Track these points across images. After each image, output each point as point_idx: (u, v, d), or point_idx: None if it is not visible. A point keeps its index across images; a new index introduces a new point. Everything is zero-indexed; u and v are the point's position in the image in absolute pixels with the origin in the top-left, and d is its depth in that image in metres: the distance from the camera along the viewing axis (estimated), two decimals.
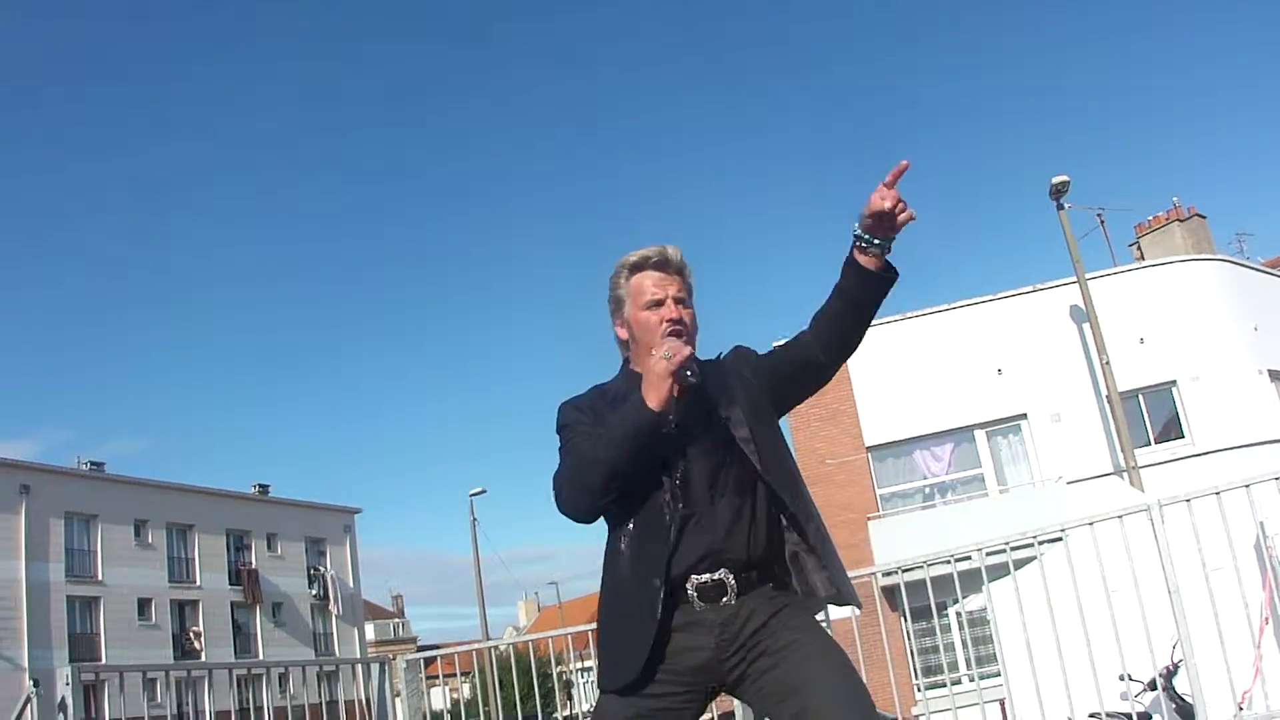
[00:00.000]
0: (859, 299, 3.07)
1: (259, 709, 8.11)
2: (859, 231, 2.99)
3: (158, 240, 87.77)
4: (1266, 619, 8.39)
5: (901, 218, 2.95)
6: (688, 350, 3.02)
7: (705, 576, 3.02)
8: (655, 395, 2.95)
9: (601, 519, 3.20)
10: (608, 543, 3.23)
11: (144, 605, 48.28)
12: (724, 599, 3.02)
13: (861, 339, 3.19)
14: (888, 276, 3.05)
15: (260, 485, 59.35)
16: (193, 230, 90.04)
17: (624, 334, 3.30)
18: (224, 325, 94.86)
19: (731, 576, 3.03)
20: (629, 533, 3.11)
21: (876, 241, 2.97)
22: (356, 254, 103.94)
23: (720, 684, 3.08)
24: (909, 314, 26.28)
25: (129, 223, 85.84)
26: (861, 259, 3.00)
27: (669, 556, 3.01)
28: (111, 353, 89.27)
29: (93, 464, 49.62)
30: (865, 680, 3.10)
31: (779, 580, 3.12)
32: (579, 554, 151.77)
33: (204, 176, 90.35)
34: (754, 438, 3.11)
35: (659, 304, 3.21)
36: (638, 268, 3.28)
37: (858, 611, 4.11)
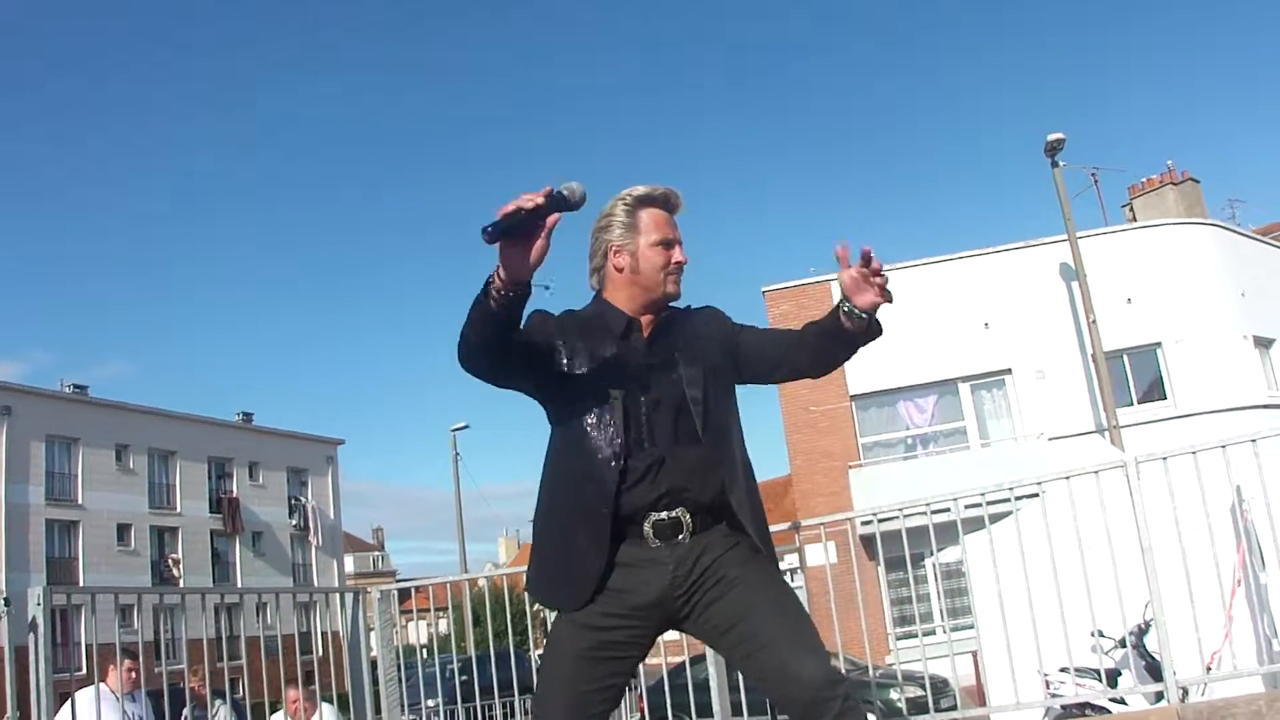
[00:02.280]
0: (846, 343, 3.13)
1: (235, 638, 8.09)
2: (845, 304, 3.03)
3: (144, 161, 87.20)
4: (1239, 581, 8.41)
5: (870, 299, 3.01)
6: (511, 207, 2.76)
7: (663, 514, 3.05)
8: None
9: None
10: (550, 457, 3.25)
11: (123, 531, 48.28)
12: (679, 536, 3.06)
13: (845, 362, 3.25)
14: (870, 334, 3.09)
15: (244, 413, 59.20)
16: (179, 151, 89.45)
17: (621, 262, 3.24)
18: (213, 250, 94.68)
19: (688, 515, 3.06)
20: (579, 460, 3.11)
21: (860, 314, 3.01)
22: (346, 179, 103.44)
23: (671, 619, 3.12)
24: (898, 265, 26.25)
25: (115, 144, 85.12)
26: (846, 322, 3.04)
27: (624, 490, 3.05)
28: (97, 275, 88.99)
29: (76, 387, 49.39)
30: (838, 627, 3.13)
31: (734, 521, 3.14)
32: None
33: (187, 93, 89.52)
34: (704, 399, 3.14)
35: (669, 245, 3.24)
36: (646, 201, 3.27)
37: (834, 558, 4.13)
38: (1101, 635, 7.48)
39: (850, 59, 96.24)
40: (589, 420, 3.11)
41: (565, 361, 3.14)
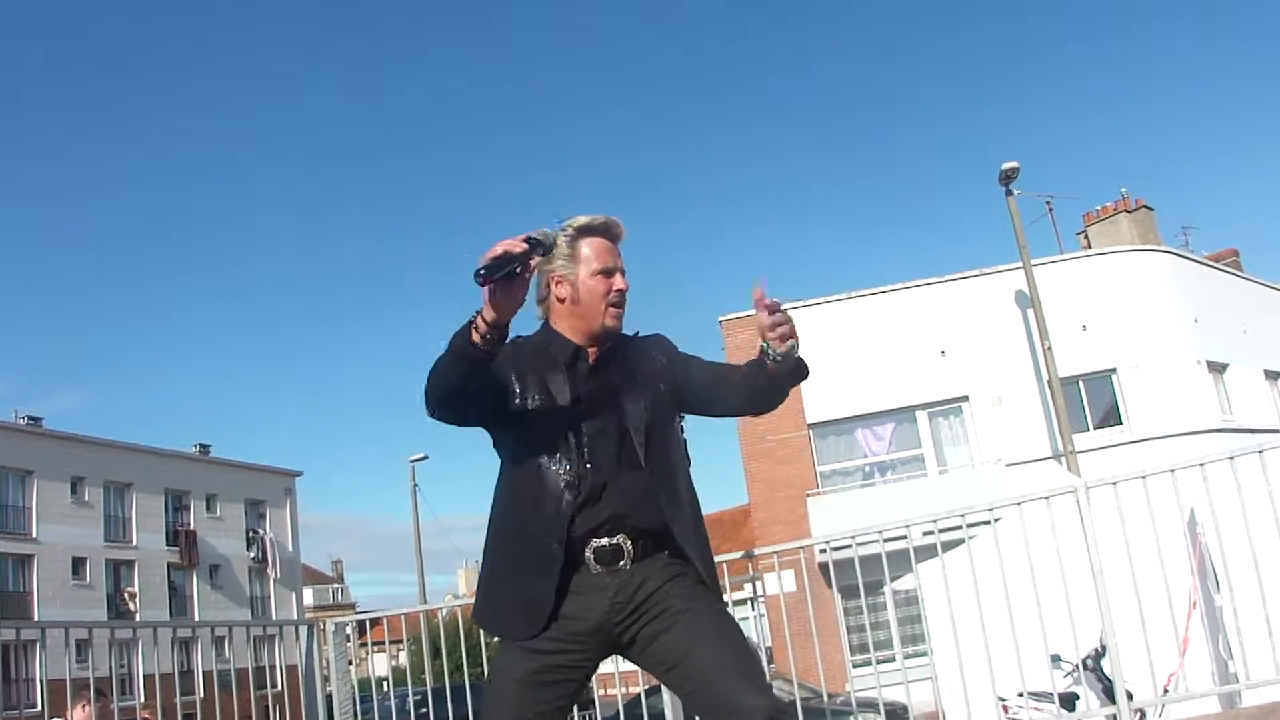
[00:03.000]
0: (775, 386, 3.14)
1: (190, 672, 8.01)
2: (764, 347, 3.03)
3: (100, 192, 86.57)
4: (1195, 604, 8.47)
5: (776, 336, 3.00)
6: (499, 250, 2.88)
7: (604, 540, 3.08)
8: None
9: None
10: (500, 487, 3.30)
11: (79, 564, 47.63)
12: (620, 563, 3.09)
13: (779, 401, 3.25)
14: (796, 375, 3.12)
15: (201, 445, 58.79)
16: (136, 178, 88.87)
17: (563, 293, 3.26)
18: (170, 281, 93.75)
19: (630, 542, 3.09)
20: (528, 488, 3.17)
21: (777, 356, 3.00)
22: (302, 210, 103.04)
23: (612, 645, 3.14)
24: (855, 293, 26.43)
25: (70, 170, 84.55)
26: (769, 364, 3.04)
27: (570, 519, 3.08)
28: (52, 304, 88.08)
29: (30, 418, 48.92)
30: (794, 654, 3.15)
31: (676, 550, 3.16)
32: None
33: (140, 120, 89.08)
34: (647, 428, 3.17)
35: (609, 273, 3.24)
36: (586, 231, 3.28)
37: (789, 587, 4.14)
38: (1058, 660, 7.51)
39: (806, 85, 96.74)
40: (537, 450, 3.15)
41: (519, 394, 3.18)
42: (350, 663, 8.20)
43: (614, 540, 3.07)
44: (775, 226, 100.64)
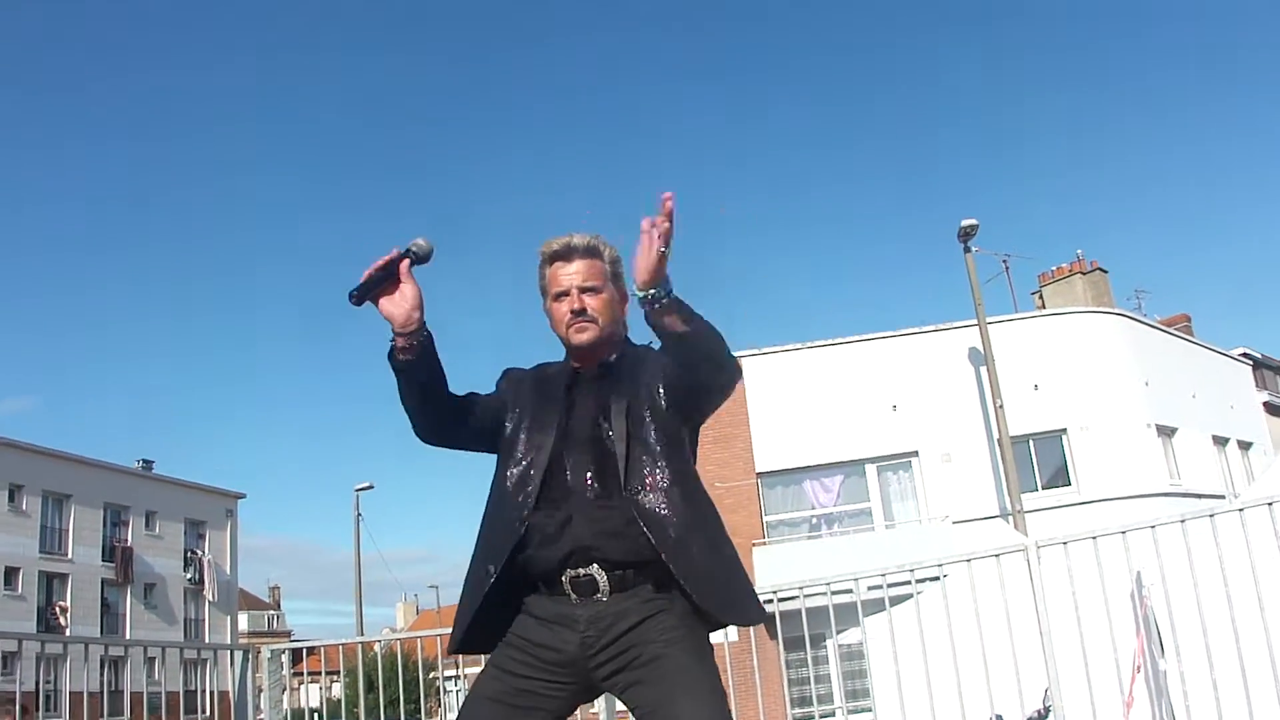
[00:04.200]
0: (670, 339, 3.00)
1: (119, 692, 7.84)
2: (632, 294, 2.94)
3: (49, 197, 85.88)
4: (1138, 668, 8.45)
5: (642, 264, 2.87)
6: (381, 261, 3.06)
7: (579, 570, 3.02)
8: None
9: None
10: (480, 527, 3.28)
11: (10, 574, 46.97)
12: (596, 594, 3.02)
13: (716, 362, 3.05)
14: (667, 310, 2.91)
15: (145, 461, 58.28)
16: (87, 181, 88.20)
17: (548, 323, 3.32)
18: (121, 288, 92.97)
19: (604, 575, 3.01)
20: (491, 517, 3.20)
21: (640, 294, 2.89)
22: (259, 228, 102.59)
23: (590, 683, 3.07)
24: (809, 344, 26.52)
25: (18, 170, 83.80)
26: (647, 318, 2.93)
27: (527, 549, 3.05)
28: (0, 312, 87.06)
29: None
30: (736, 706, 3.05)
31: (660, 582, 3.04)
32: (463, 559, 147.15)
33: (95, 117, 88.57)
34: (628, 453, 3.08)
35: (565, 294, 3.24)
36: (551, 259, 3.31)
37: (733, 636, 4.05)
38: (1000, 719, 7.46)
39: (765, 134, 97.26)
40: (509, 479, 3.16)
41: (509, 421, 3.26)
42: (284, 690, 8.06)
43: (586, 571, 3.01)
44: (729, 275, 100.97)
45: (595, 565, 3.01)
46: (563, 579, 3.03)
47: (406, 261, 3.08)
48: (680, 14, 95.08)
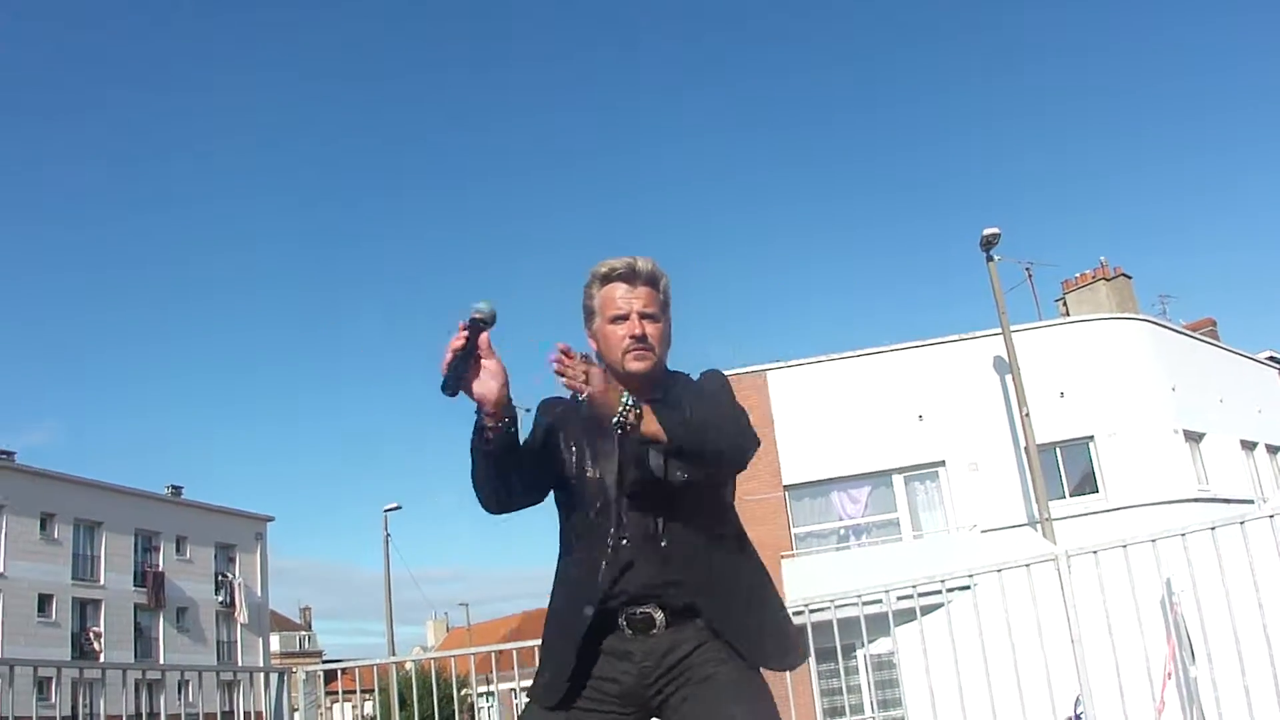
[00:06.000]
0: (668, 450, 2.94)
1: (155, 715, 7.89)
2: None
3: (77, 227, 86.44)
4: (1170, 674, 8.45)
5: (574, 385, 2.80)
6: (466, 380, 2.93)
7: (637, 609, 3.04)
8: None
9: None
10: (556, 569, 3.27)
11: (44, 602, 47.15)
12: (653, 630, 3.05)
13: (715, 453, 3.00)
14: (670, 444, 2.88)
15: (173, 486, 58.45)
16: (109, 214, 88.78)
17: (594, 345, 3.23)
18: (147, 318, 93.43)
19: (661, 612, 3.05)
20: (571, 560, 3.18)
21: (612, 423, 2.84)
22: (283, 251, 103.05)
23: (648, 710, 3.10)
24: (834, 355, 26.51)
25: (43, 205, 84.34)
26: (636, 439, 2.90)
27: (606, 589, 3.04)
28: (25, 338, 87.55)
29: (2, 453, 48.53)
30: None
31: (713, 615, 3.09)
32: (492, 576, 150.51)
33: (115, 151, 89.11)
34: (672, 495, 3.06)
35: (624, 318, 3.15)
36: (606, 279, 3.20)
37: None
38: None
39: (789, 146, 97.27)
40: (579, 522, 3.15)
41: (567, 463, 3.18)
42: (319, 709, 8.12)
43: (645, 610, 3.04)
44: (754, 288, 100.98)
45: (653, 603, 3.05)
46: (621, 616, 3.05)
47: (486, 336, 2.93)
48: (699, 23, 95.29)
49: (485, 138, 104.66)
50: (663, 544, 3.06)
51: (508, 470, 3.05)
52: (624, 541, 3.06)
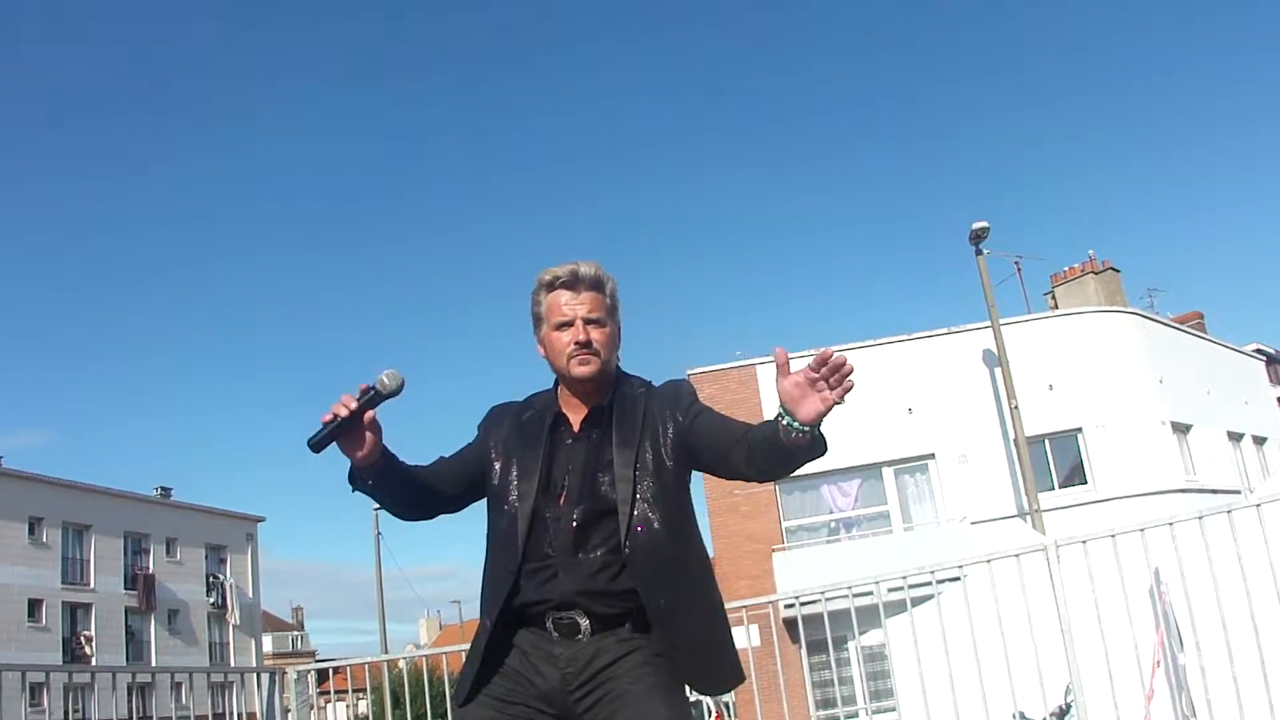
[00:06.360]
0: (784, 457, 2.91)
1: (147, 718, 7.89)
2: (784, 416, 2.81)
3: (62, 230, 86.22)
4: (1158, 662, 8.49)
5: (812, 408, 2.78)
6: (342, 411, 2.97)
7: (562, 614, 3.05)
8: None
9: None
10: (481, 575, 3.30)
11: (34, 606, 47.03)
12: (578, 635, 3.05)
13: (786, 474, 3.05)
14: (813, 451, 2.87)
15: (163, 488, 58.40)
16: (97, 215, 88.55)
17: (541, 352, 3.26)
18: (134, 320, 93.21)
19: (585, 619, 3.05)
20: (492, 566, 3.20)
21: (801, 427, 2.80)
22: (270, 255, 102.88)
23: (570, 716, 3.08)
24: (823, 349, 26.50)
25: (30, 205, 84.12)
26: (783, 435, 2.83)
27: (513, 599, 3.08)
28: (11, 341, 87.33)
29: None
30: (760, 710, 3.10)
31: (637, 624, 3.09)
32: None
33: (106, 149, 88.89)
34: (632, 503, 3.07)
35: (568, 325, 3.17)
36: (550, 286, 3.22)
37: (755, 641, 4.03)
38: (1023, 718, 7.50)
39: (778, 141, 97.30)
40: (500, 528, 3.16)
41: (495, 466, 3.22)
42: (312, 709, 8.13)
43: (570, 615, 3.04)
44: (744, 280, 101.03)
45: (577, 610, 3.05)
46: (547, 622, 3.06)
47: (372, 413, 2.98)
48: (684, 19, 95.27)
49: (466, 140, 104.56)
50: (590, 554, 3.06)
51: (401, 491, 3.19)
52: (547, 550, 3.07)
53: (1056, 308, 31.50)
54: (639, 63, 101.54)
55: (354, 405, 2.94)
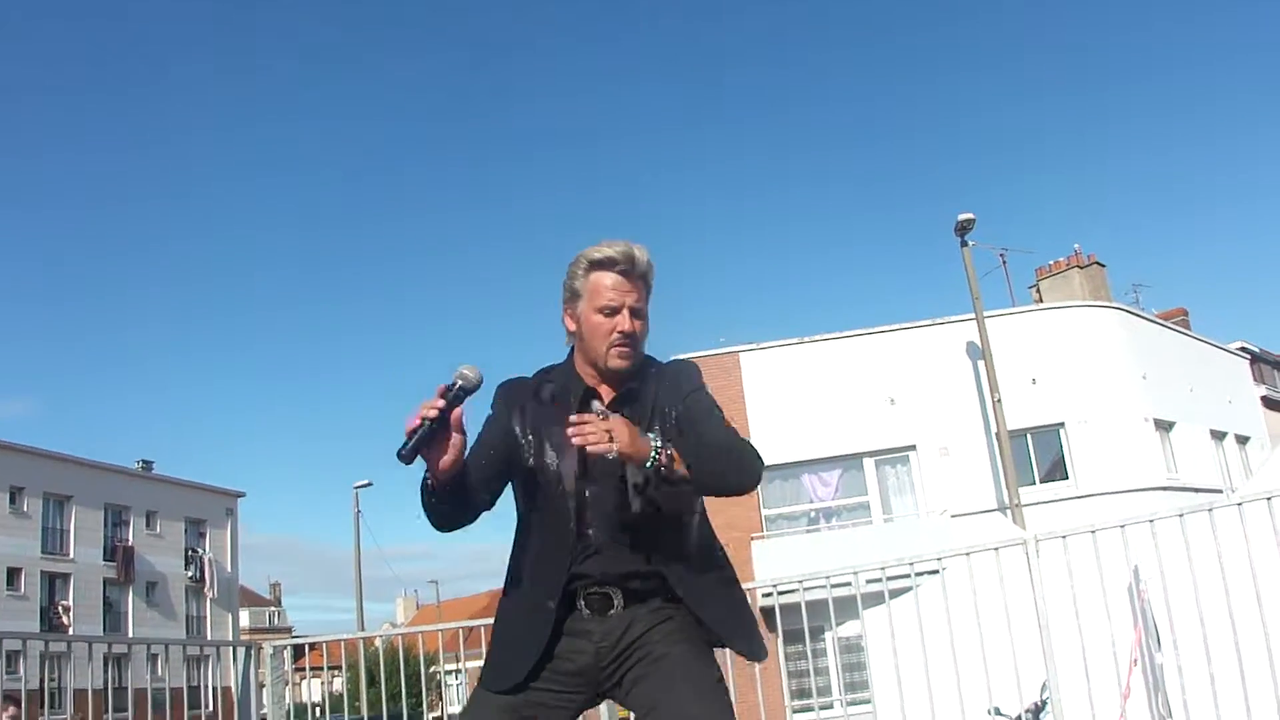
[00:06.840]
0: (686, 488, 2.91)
1: (123, 689, 7.84)
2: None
3: (46, 199, 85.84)
4: (1135, 660, 8.49)
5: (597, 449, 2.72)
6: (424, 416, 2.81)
7: (595, 589, 3.02)
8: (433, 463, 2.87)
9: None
10: (511, 554, 3.21)
11: (13, 575, 47.02)
12: (610, 611, 3.03)
13: (733, 481, 3.02)
14: (671, 484, 2.84)
15: (144, 461, 58.30)
16: (83, 185, 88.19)
17: (572, 326, 3.16)
18: (119, 291, 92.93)
19: (619, 593, 3.03)
20: (529, 546, 3.12)
21: (643, 472, 2.85)
22: (255, 230, 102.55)
23: (599, 689, 3.08)
24: (806, 339, 26.54)
25: (16, 174, 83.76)
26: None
27: (567, 576, 3.02)
28: None
29: None
30: (735, 699, 3.08)
31: (670, 594, 3.06)
32: (461, 553, 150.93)
33: (94, 125, 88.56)
34: (644, 484, 2.99)
35: (614, 311, 3.06)
36: (599, 265, 3.09)
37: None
38: (998, 713, 7.50)
39: (764, 130, 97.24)
40: (540, 506, 3.08)
41: (527, 452, 3.11)
42: (286, 685, 8.10)
43: (604, 589, 3.02)
44: (727, 269, 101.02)
45: (611, 585, 3.03)
46: (580, 599, 3.03)
47: (459, 411, 2.83)
48: (673, 12, 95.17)
49: (460, 126, 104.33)
50: (629, 533, 3.02)
51: (466, 499, 3.01)
52: (589, 530, 3.03)
53: (1041, 301, 31.56)
54: (630, 51, 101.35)
55: (439, 405, 2.79)
